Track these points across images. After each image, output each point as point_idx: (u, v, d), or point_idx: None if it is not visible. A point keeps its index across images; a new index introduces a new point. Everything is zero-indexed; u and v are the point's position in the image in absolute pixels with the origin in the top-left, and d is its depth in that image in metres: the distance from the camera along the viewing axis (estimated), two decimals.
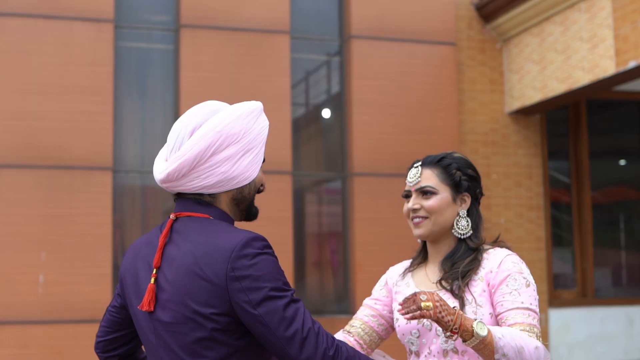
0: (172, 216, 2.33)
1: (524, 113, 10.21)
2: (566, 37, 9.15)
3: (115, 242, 8.70)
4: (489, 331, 2.35)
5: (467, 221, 2.75)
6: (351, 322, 2.86)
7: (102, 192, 8.47)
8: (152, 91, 9.19)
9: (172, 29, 9.19)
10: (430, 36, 9.79)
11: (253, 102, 2.40)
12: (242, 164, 2.30)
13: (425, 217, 2.74)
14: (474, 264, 2.68)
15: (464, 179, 2.77)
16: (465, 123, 10.00)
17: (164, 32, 9.27)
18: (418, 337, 2.67)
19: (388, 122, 9.50)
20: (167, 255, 2.26)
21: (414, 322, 2.66)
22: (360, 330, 2.83)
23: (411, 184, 2.79)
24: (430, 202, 2.73)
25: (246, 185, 2.34)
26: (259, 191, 2.42)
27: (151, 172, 8.94)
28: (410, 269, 2.85)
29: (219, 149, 2.26)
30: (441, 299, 2.33)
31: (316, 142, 9.98)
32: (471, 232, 2.75)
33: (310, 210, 9.78)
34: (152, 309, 2.22)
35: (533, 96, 9.69)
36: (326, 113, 10.07)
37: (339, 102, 9.77)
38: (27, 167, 8.33)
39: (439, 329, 2.59)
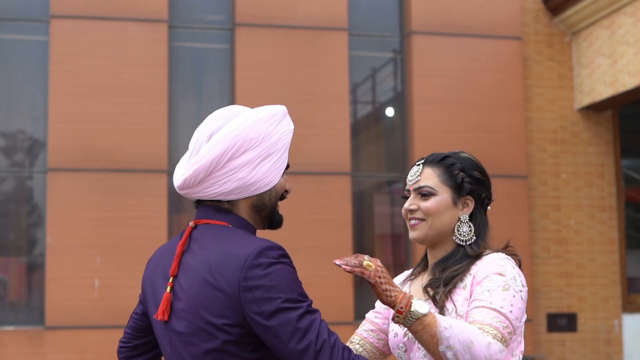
0: (191, 224, 2.28)
1: (595, 109, 9.79)
2: (638, 29, 8.73)
3: None
4: (430, 313, 2.20)
5: (470, 227, 2.54)
6: (352, 337, 2.72)
7: (157, 194, 8.34)
8: (207, 92, 9.05)
9: (227, 28, 9.02)
10: (494, 30, 9.45)
11: (276, 105, 2.32)
12: (261, 170, 2.23)
13: (422, 220, 2.54)
14: (463, 270, 2.47)
15: (467, 181, 2.56)
16: (532, 120, 9.63)
17: (219, 32, 9.11)
18: (405, 351, 2.53)
19: (451, 121, 9.19)
20: (184, 263, 2.21)
21: (401, 335, 2.51)
22: (358, 346, 2.68)
23: (410, 183, 2.60)
24: (427, 204, 2.53)
25: (266, 191, 2.26)
26: (282, 198, 2.33)
27: None
28: (411, 277, 2.68)
29: (236, 154, 2.19)
30: (385, 271, 2.23)
31: (376, 143, 9.72)
32: (474, 239, 2.54)
33: (371, 213, 9.51)
34: (166, 318, 2.18)
35: (604, 91, 9.28)
36: (386, 112, 9.80)
37: (399, 101, 9.49)
38: (82, 170, 8.25)
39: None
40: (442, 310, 2.41)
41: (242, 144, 2.20)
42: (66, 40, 8.41)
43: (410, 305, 2.20)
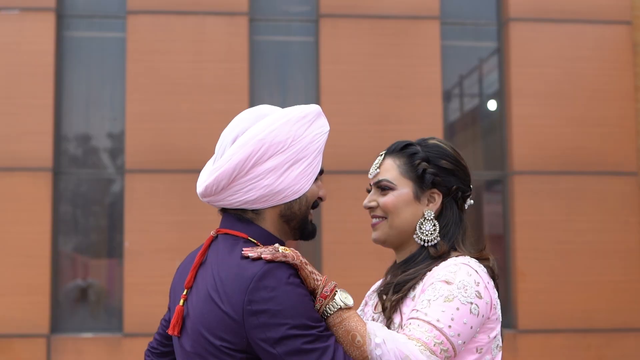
0: (212, 233, 2.11)
1: None
2: None
3: None
4: (352, 309, 1.98)
5: (434, 225, 2.19)
6: None
7: None
8: (291, 86, 8.65)
9: (311, 19, 8.59)
10: (600, 15, 8.75)
11: (309, 105, 2.11)
12: (289, 177, 2.04)
13: (384, 218, 2.22)
14: (418, 275, 2.12)
15: (430, 172, 2.20)
16: None
17: (303, 24, 8.69)
18: None
19: (553, 114, 8.56)
20: (198, 276, 2.05)
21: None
22: None
23: (370, 177, 2.30)
24: (384, 199, 2.22)
25: (296, 200, 2.07)
26: (314, 206, 2.13)
27: None
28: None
29: (261, 159, 2.02)
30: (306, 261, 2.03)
31: (472, 138, 9.13)
32: (438, 239, 2.19)
33: (466, 213, 8.91)
34: (175, 333, 2.03)
35: None
36: (483, 105, 9.20)
37: (497, 93, 8.90)
38: (160, 171, 7.97)
39: None
40: (388, 322, 2.12)
41: (267, 148, 2.01)
42: (143, 36, 8.15)
43: (335, 293, 1.98)
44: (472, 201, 2.31)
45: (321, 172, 2.13)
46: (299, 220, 2.10)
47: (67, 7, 8.37)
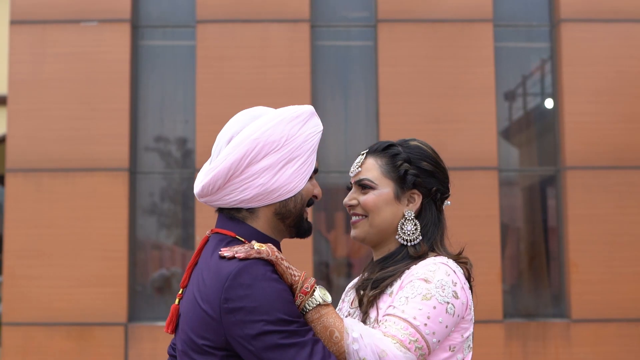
0: (207, 233, 2.18)
1: None
2: None
3: (315, 243, 8.60)
4: (330, 305, 2.00)
5: (415, 225, 2.25)
6: None
7: None
8: (351, 89, 9.03)
9: (370, 24, 8.98)
10: None
11: (302, 105, 2.18)
12: (284, 175, 2.08)
13: (364, 216, 2.28)
14: (396, 273, 2.19)
15: (411, 173, 2.27)
16: None
17: (362, 29, 9.08)
18: None
19: (604, 111, 8.76)
20: (192, 275, 2.11)
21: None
22: None
23: (351, 175, 2.36)
24: (365, 198, 2.27)
25: (291, 198, 2.11)
26: (309, 204, 2.17)
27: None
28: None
29: (255, 158, 2.06)
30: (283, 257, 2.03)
31: (527, 136, 9.39)
32: (419, 238, 2.25)
33: (520, 208, 9.20)
34: (169, 331, 2.10)
35: None
36: (536, 104, 9.44)
37: (550, 92, 9.13)
38: None
39: None
40: (365, 317, 2.17)
41: (262, 147, 2.06)
42: (211, 44, 8.64)
43: (315, 290, 2.02)
44: (449, 202, 2.37)
45: (315, 171, 2.16)
46: (295, 218, 2.13)
47: (141, 18, 8.92)
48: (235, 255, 1.98)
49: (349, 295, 2.39)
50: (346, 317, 2.15)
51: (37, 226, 8.42)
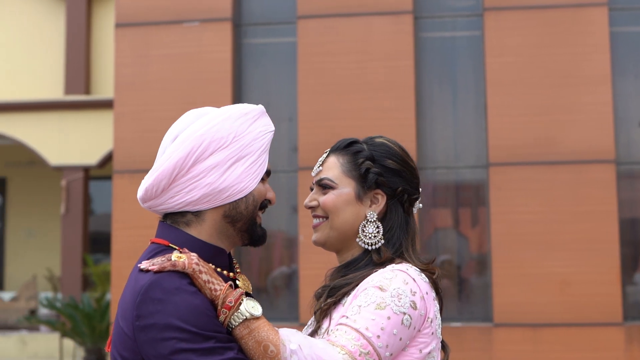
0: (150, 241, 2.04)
1: None
2: None
3: (420, 241, 8.35)
4: (261, 317, 1.83)
5: (377, 227, 2.08)
6: None
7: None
8: (457, 82, 8.74)
9: (476, 14, 8.66)
10: None
11: (250, 104, 2.05)
12: (233, 174, 1.95)
13: (325, 218, 2.12)
14: (356, 280, 2.01)
15: (373, 172, 2.10)
16: None
17: (467, 19, 8.77)
18: None
19: None
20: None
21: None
22: None
23: (313, 174, 2.20)
24: (324, 198, 2.11)
25: (242, 199, 1.97)
26: (262, 207, 2.03)
27: (464, 167, 8.55)
28: None
29: (202, 155, 1.93)
30: (205, 264, 1.86)
31: None
32: (381, 242, 2.07)
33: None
34: (108, 349, 1.95)
35: None
36: None
37: None
38: None
39: None
40: (317, 326, 2.02)
41: (209, 144, 1.93)
42: (312, 40, 8.51)
43: (240, 303, 1.84)
44: (420, 205, 2.19)
45: (268, 174, 2.05)
46: (246, 222, 1.99)
47: (242, 16, 8.88)
48: (149, 268, 1.84)
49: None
50: (283, 328, 1.96)
51: (144, 227, 8.49)
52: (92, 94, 13.20)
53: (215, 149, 1.94)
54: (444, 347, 2.14)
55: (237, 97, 8.73)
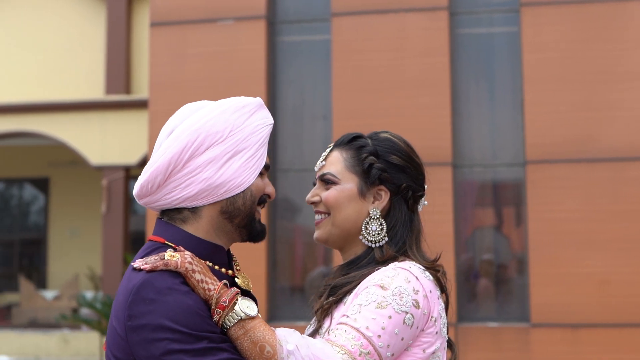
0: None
1: None
2: None
3: (457, 240, 8.24)
4: (257, 317, 1.78)
5: (381, 224, 2.01)
6: None
7: (442, 188, 8.07)
8: (494, 79, 8.62)
9: (513, 9, 8.53)
10: None
11: (248, 97, 1.99)
12: (230, 169, 1.90)
13: (327, 214, 2.05)
14: (358, 279, 1.95)
15: (377, 167, 2.03)
16: None
17: (504, 14, 8.64)
18: None
19: None
20: None
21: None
22: None
23: (315, 170, 2.14)
24: (326, 194, 2.05)
25: (239, 194, 1.92)
26: (261, 202, 1.97)
27: (501, 165, 8.43)
28: None
29: (198, 150, 1.89)
30: (200, 262, 1.81)
31: None
32: (385, 240, 2.01)
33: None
34: (104, 348, 1.91)
35: None
36: None
37: None
38: None
39: None
40: (319, 325, 1.98)
41: (205, 138, 1.88)
42: (347, 37, 8.46)
43: (235, 303, 1.78)
44: (426, 202, 2.13)
45: (267, 168, 1.98)
46: (244, 217, 1.94)
47: (277, 14, 8.86)
48: (142, 267, 1.80)
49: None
50: (280, 328, 1.91)
51: None
52: (132, 93, 13.30)
53: (211, 144, 1.90)
54: (451, 346, 2.08)
55: (272, 95, 8.71)
